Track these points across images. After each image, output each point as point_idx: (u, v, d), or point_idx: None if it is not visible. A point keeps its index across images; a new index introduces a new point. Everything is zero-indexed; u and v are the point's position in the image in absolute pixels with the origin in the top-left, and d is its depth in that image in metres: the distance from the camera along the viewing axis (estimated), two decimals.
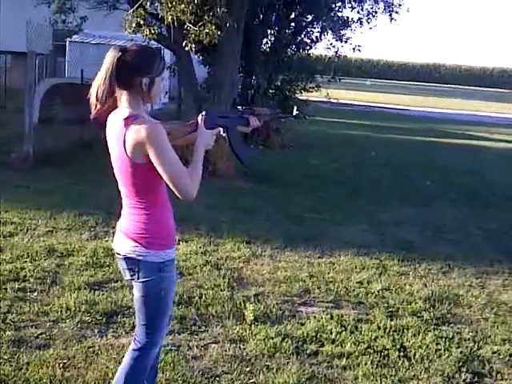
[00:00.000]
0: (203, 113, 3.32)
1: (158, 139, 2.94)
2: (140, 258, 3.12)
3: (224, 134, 3.37)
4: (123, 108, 3.05)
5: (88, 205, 8.25)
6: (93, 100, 3.04)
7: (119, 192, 3.21)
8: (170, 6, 10.26)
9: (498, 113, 36.16)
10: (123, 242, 3.18)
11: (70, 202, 8.43)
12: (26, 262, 6.06)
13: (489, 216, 9.91)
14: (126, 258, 3.17)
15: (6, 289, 5.37)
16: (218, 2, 10.27)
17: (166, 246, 3.17)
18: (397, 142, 19.51)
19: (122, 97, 3.05)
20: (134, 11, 11.13)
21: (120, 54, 2.99)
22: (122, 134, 2.99)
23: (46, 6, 13.55)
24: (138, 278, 3.17)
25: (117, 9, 14.12)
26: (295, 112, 4.70)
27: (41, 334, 4.64)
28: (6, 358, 4.24)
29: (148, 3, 11.02)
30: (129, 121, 2.98)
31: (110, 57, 2.99)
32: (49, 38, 24.00)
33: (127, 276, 3.24)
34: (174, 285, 3.31)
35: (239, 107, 3.58)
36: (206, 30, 10.35)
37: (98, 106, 3.04)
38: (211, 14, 10.45)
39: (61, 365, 4.20)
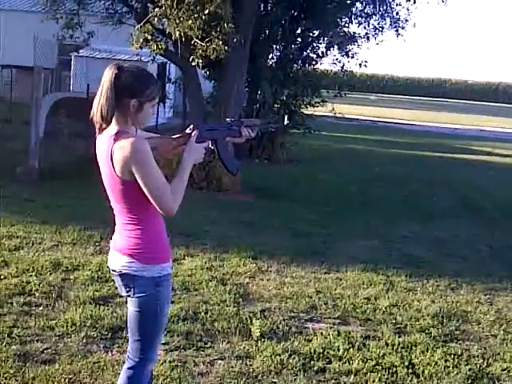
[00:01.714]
0: (191, 127, 3.31)
1: (141, 156, 2.92)
2: (136, 273, 3.10)
3: (212, 147, 3.35)
4: (111, 125, 3.03)
5: (93, 219, 8.22)
6: (98, 119, 3.01)
7: (112, 209, 3.20)
8: (177, 21, 10.31)
9: (503, 128, 36.14)
10: (118, 258, 3.16)
11: (76, 217, 8.42)
12: (31, 276, 6.03)
13: (495, 232, 9.86)
14: (122, 275, 3.16)
15: (11, 303, 5.34)
16: (225, 18, 10.33)
17: (162, 260, 3.15)
18: (402, 157, 19.49)
19: None
20: (141, 26, 11.17)
21: (117, 71, 2.98)
22: (109, 152, 2.98)
23: (51, 20, 13.63)
24: (134, 294, 3.15)
25: (123, 24, 14.19)
26: (286, 121, 4.69)
27: (46, 348, 4.60)
28: (11, 372, 4.21)
29: (155, 19, 11.06)
30: (115, 137, 2.97)
31: (109, 74, 2.98)
32: (54, 52, 24.12)
33: (123, 292, 3.22)
34: (169, 300, 3.31)
35: (228, 119, 3.57)
36: (213, 46, 10.42)
37: (104, 126, 3.02)
38: (218, 29, 10.51)
39: (66, 380, 4.16)
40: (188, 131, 3.29)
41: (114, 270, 3.20)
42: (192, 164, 3.19)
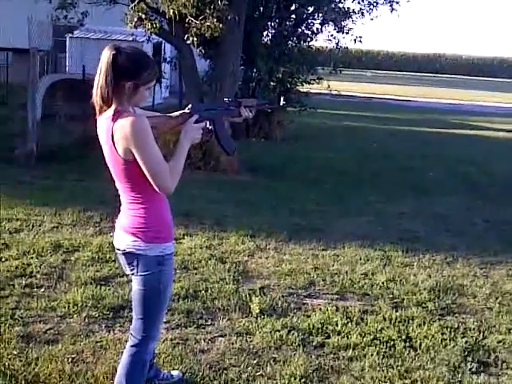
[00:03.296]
0: (189, 106, 3.34)
1: (141, 134, 2.95)
2: (139, 252, 3.15)
3: (210, 127, 3.38)
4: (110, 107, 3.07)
5: (92, 200, 8.28)
6: (98, 101, 3.04)
7: (117, 190, 3.25)
8: None
9: (499, 102, 36.12)
10: (122, 237, 3.21)
11: (75, 198, 8.46)
12: (32, 257, 6.08)
13: (492, 206, 9.92)
14: (126, 253, 3.21)
15: (13, 285, 5.39)
16: None
17: (165, 239, 3.21)
18: (398, 133, 19.51)
19: None
20: (134, 6, 11.13)
21: (114, 52, 3.00)
22: (109, 131, 3.01)
23: (44, 1, 13.56)
24: (138, 272, 3.20)
25: (117, 3, 14.13)
26: (282, 102, 4.71)
27: (49, 329, 4.66)
28: (15, 353, 4.26)
29: None
30: (114, 117, 3.00)
31: (106, 56, 3.00)
32: (49, 34, 23.99)
33: (127, 271, 3.28)
34: (171, 279, 3.37)
35: (225, 99, 3.60)
36: (208, 23, 10.39)
37: (105, 107, 3.06)
38: (212, 7, 10.48)
39: (69, 360, 4.22)
40: (186, 111, 3.33)
41: (119, 249, 3.26)
42: (190, 144, 3.22)
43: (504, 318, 5.42)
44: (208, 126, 3.36)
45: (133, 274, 3.25)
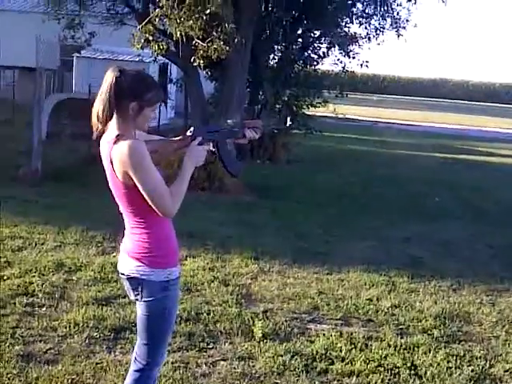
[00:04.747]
0: (191, 129, 3.29)
1: (137, 159, 2.91)
2: (144, 277, 3.10)
3: (214, 149, 3.33)
4: (112, 129, 3.03)
5: (96, 220, 8.24)
6: (94, 120, 3.02)
7: (121, 213, 3.20)
8: (178, 21, 10.33)
9: (505, 128, 36.09)
10: (127, 261, 3.16)
11: (78, 217, 8.43)
12: (34, 276, 6.04)
13: (497, 233, 9.84)
14: (130, 278, 3.16)
15: (14, 303, 5.36)
16: (227, 19, 10.33)
17: (169, 264, 3.15)
18: (404, 158, 19.47)
19: (113, 118, 3.02)
20: (142, 27, 11.19)
21: (118, 74, 2.98)
22: (108, 156, 2.99)
23: (53, 21, 13.67)
24: (142, 298, 3.15)
25: (124, 24, 14.23)
26: (289, 123, 4.67)
27: (49, 349, 4.62)
28: (15, 372, 4.22)
29: (156, 19, 11.07)
30: (113, 141, 2.97)
31: (109, 77, 2.99)
32: (56, 53, 24.13)
33: (132, 296, 3.22)
34: (177, 304, 3.33)
35: (229, 121, 3.54)
36: (215, 46, 10.43)
37: (100, 127, 3.02)
38: (219, 29, 10.52)
39: (69, 380, 4.17)
40: (189, 133, 3.28)
41: (123, 274, 3.20)
42: (194, 166, 3.17)
43: (511, 346, 5.34)
44: (211, 148, 3.31)
45: (137, 300, 3.18)
